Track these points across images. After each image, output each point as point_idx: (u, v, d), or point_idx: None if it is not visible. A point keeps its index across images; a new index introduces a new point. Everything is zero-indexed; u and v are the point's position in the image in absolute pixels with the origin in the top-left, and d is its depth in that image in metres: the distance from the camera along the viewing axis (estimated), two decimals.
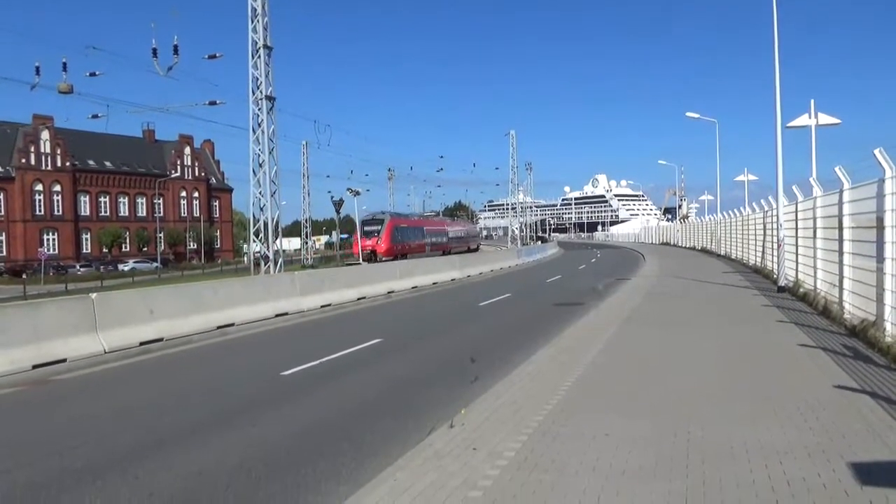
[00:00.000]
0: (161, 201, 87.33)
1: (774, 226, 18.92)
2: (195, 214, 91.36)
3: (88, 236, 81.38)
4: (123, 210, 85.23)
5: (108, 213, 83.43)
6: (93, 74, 30.69)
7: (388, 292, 21.86)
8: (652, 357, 9.17)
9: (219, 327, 14.24)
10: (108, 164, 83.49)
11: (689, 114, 40.07)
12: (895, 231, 8.66)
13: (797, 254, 16.69)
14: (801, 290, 15.63)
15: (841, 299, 11.66)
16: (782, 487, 4.44)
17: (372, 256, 48.77)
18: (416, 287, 23.95)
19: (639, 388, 7.38)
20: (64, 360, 10.82)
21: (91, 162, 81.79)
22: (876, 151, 8.68)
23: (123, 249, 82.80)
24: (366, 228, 51.16)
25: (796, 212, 16.51)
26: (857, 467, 4.72)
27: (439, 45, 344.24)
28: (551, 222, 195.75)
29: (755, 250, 25.54)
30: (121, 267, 71.31)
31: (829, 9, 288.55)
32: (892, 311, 8.78)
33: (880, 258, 9.05)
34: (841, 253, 11.51)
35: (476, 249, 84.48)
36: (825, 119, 21.94)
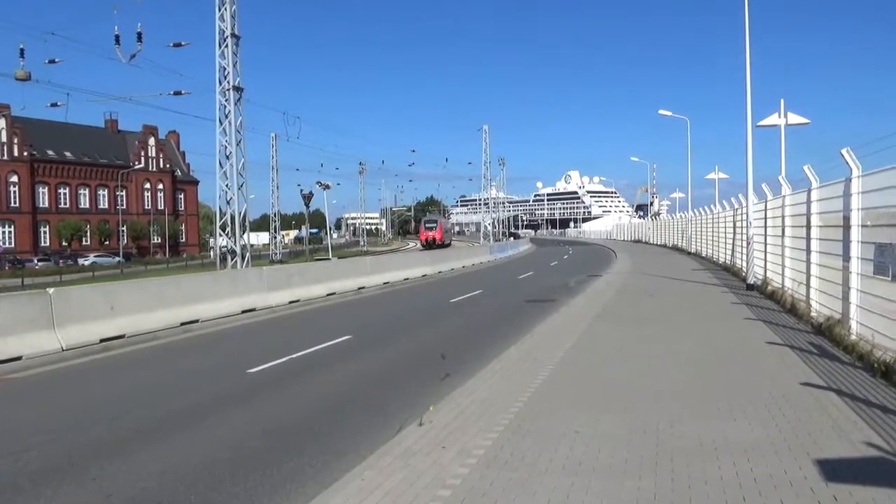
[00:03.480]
0: (124, 193, 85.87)
1: (744, 224, 19.23)
2: (159, 207, 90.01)
3: (47, 229, 79.71)
4: (84, 202, 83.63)
5: (67, 205, 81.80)
6: (52, 62, 30.04)
7: (359, 288, 21.79)
8: (623, 354, 9.26)
9: (183, 323, 14.06)
10: (68, 154, 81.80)
11: (661, 111, 40.64)
12: (861, 230, 8.86)
13: (766, 252, 16.99)
14: (770, 287, 15.92)
15: (808, 297, 11.90)
16: (749, 484, 4.52)
17: (432, 242, 73.76)
18: (387, 283, 23.89)
19: (609, 385, 7.45)
20: (19, 358, 10.58)
21: (50, 152, 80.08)
22: (843, 151, 8.86)
23: (84, 243, 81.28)
24: (427, 225, 79.47)
25: (766, 210, 16.79)
26: (823, 464, 4.83)
27: (412, 38, 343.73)
28: (524, 218, 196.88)
29: (725, 248, 25.93)
30: (81, 261, 69.92)
31: (801, 9, 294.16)
32: (856, 310, 8.99)
33: (846, 257, 9.26)
34: (808, 251, 11.74)
35: (448, 245, 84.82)
36: (795, 118, 22.36)
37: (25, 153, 76.48)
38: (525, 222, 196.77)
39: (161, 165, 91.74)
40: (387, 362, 10.32)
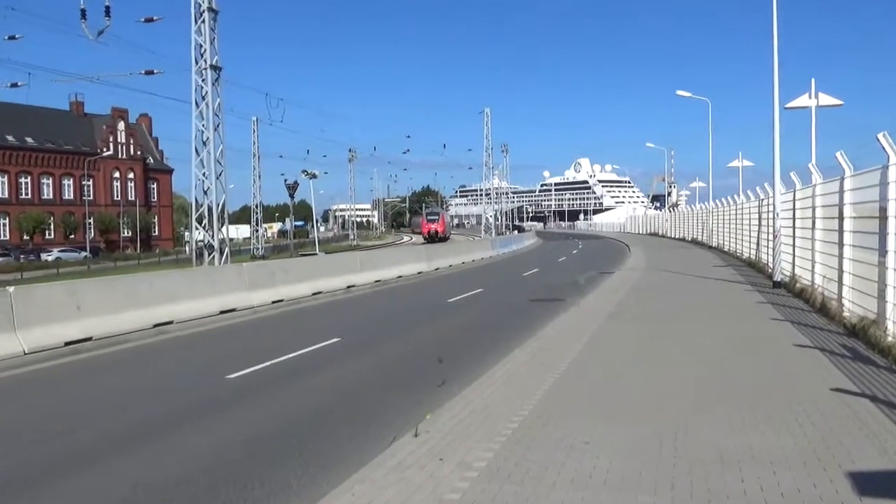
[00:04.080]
0: (91, 183, 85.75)
1: (770, 216, 19.25)
2: (130, 198, 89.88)
3: (7, 221, 79.60)
4: (47, 192, 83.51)
5: (29, 196, 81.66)
6: (12, 38, 30.00)
7: (348, 287, 21.80)
8: (637, 358, 9.28)
9: (156, 325, 14.06)
10: (29, 139, 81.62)
11: (679, 92, 40.50)
12: None
13: (794, 246, 17.01)
14: (798, 285, 15.94)
15: (840, 296, 11.91)
16: (776, 499, 4.53)
17: (435, 235, 77.41)
18: (379, 281, 23.91)
19: (622, 391, 7.46)
20: None
21: (10, 137, 79.88)
22: (880, 136, 8.86)
23: (47, 237, 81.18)
24: (429, 217, 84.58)
25: (794, 201, 16.81)
26: (856, 476, 4.84)
27: (405, 12, 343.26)
28: (529, 210, 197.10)
29: (749, 242, 25.96)
30: (44, 256, 69.82)
31: None
32: (894, 309, 8.99)
33: (882, 251, 9.26)
34: (841, 245, 11.75)
35: (446, 239, 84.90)
36: (827, 100, 22.37)
37: None
38: (530, 214, 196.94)
39: (131, 152, 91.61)
40: (379, 367, 10.32)
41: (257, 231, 70.37)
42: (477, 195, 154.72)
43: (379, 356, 11.20)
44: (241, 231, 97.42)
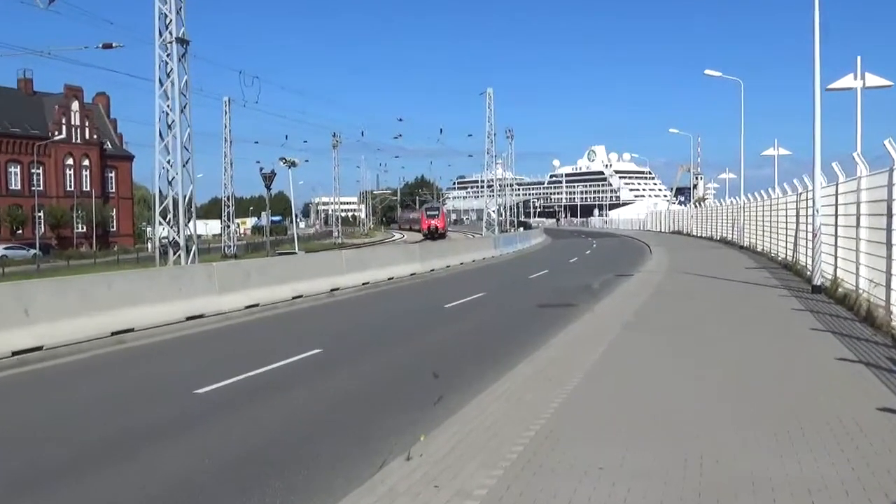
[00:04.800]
0: (41, 171, 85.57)
1: (809, 211, 19.27)
2: (85, 188, 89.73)
3: None
4: None
5: None
6: None
7: (332, 290, 21.79)
8: (657, 373, 9.29)
9: (115, 332, 14.04)
10: None
11: (708, 71, 40.58)
12: None
13: (836, 246, 17.04)
14: (840, 290, 15.97)
15: (888, 302, 11.93)
16: None
17: (435, 231, 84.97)
18: (367, 283, 23.90)
19: (641, 410, 7.47)
20: None
21: None
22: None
23: None
24: (428, 213, 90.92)
25: (836, 195, 16.83)
26: None
27: None
28: (537, 204, 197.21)
29: (786, 241, 26.00)
30: None
31: None
32: None
33: None
34: (889, 246, 11.77)
35: (443, 236, 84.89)
36: (874, 80, 22.36)
37: None
38: (538, 209, 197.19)
39: (87, 136, 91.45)
40: (366, 382, 10.32)
41: (229, 227, 70.23)
42: (477, 187, 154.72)
43: (366, 369, 11.19)
44: (210, 226, 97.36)
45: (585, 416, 7.29)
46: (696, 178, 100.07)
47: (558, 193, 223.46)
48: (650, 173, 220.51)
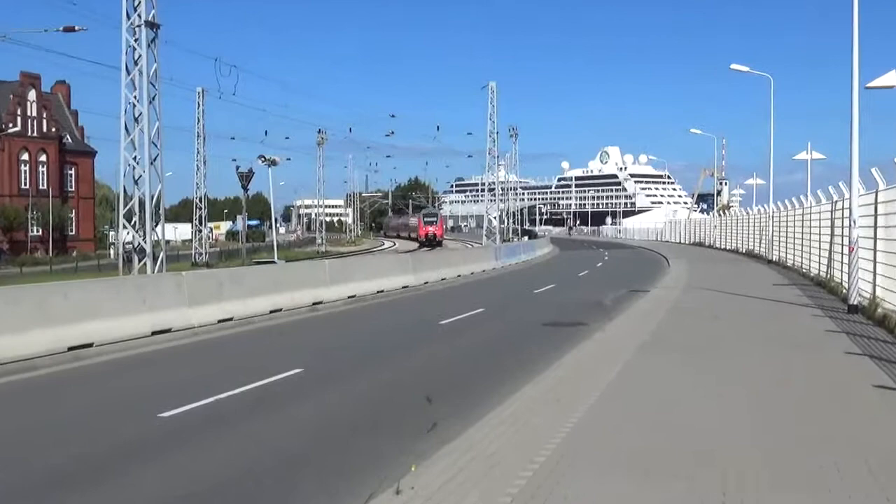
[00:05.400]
0: None
1: (846, 222, 19.30)
2: (41, 186, 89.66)
3: None
4: None
5: None
6: None
7: (314, 303, 21.77)
8: (676, 398, 9.28)
9: (72, 348, 13.99)
10: None
11: (734, 66, 40.67)
12: None
13: (875, 261, 17.06)
14: (879, 310, 15.98)
15: None
16: None
17: (433, 239, 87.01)
18: (353, 297, 23.89)
19: (658, 441, 7.45)
20: None
21: None
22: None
23: None
24: (426, 219, 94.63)
25: (876, 204, 16.87)
26: None
27: None
28: (543, 211, 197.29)
29: (819, 255, 26.04)
30: None
31: None
32: None
33: None
34: None
35: (440, 244, 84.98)
36: None
37: None
38: (545, 216, 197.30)
39: (45, 129, 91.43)
40: (351, 405, 10.30)
41: (201, 231, 70.18)
42: (477, 191, 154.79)
43: (352, 392, 11.17)
44: (180, 231, 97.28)
45: (595, 448, 7.28)
46: (721, 184, 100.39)
47: (567, 199, 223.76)
48: (669, 178, 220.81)
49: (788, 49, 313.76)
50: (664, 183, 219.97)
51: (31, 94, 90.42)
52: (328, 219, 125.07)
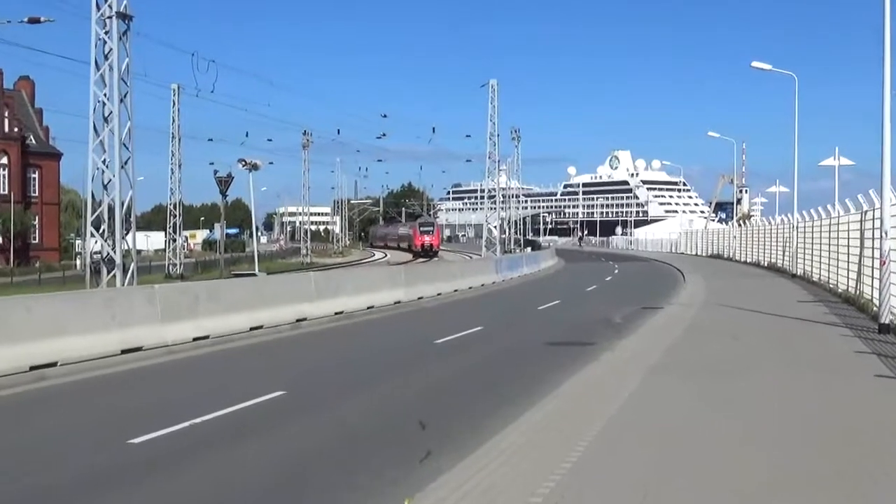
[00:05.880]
0: None
1: (877, 234, 19.33)
2: (2, 191, 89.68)
3: None
4: None
5: None
6: None
7: (298, 320, 21.73)
8: (691, 427, 9.28)
9: (34, 367, 13.95)
10: None
11: (755, 64, 40.78)
12: None
13: None
14: None
15: None
16: None
17: (430, 249, 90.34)
18: (341, 313, 23.86)
19: (673, 476, 7.46)
20: None
21: None
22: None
23: None
24: (422, 228, 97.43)
25: None
26: None
27: None
28: (548, 220, 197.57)
29: (848, 269, 26.05)
30: None
31: None
32: None
33: None
34: None
35: (435, 254, 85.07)
36: None
37: None
38: (550, 225, 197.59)
39: (6, 129, 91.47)
40: (338, 432, 10.29)
41: (175, 241, 70.09)
42: (476, 198, 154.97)
43: (338, 417, 11.15)
44: (153, 240, 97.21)
45: (605, 481, 7.28)
46: (740, 192, 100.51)
47: (574, 207, 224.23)
48: (685, 185, 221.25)
49: (814, 45, 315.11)
50: (679, 190, 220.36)
51: None
52: (314, 227, 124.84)
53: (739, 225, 69.43)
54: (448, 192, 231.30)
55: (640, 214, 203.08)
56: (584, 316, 24.34)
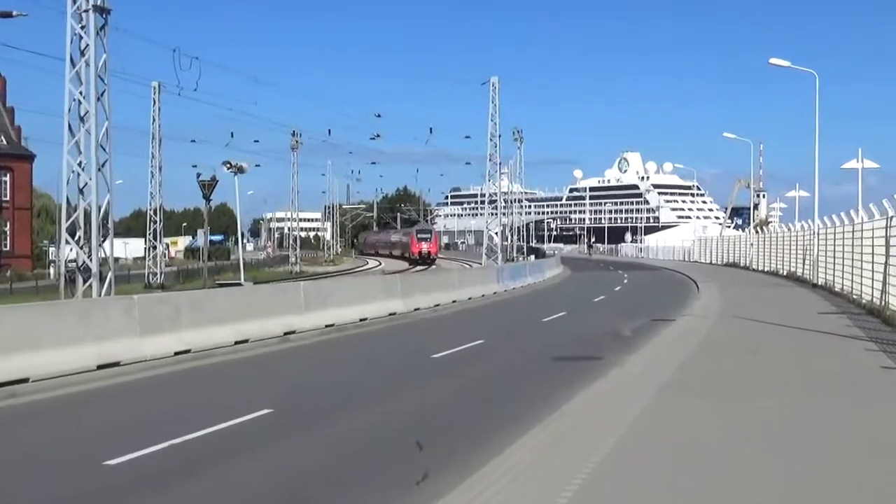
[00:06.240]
0: None
1: None
2: None
3: None
4: None
5: None
6: None
7: (286, 333, 21.71)
8: (706, 449, 9.28)
9: (5, 384, 13.94)
10: None
11: (773, 60, 40.88)
12: None
13: None
14: None
15: None
16: None
17: (427, 256, 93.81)
18: (332, 325, 23.84)
19: (687, 500, 7.44)
20: None
21: None
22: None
23: None
24: (419, 235, 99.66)
25: None
26: None
27: None
28: (553, 226, 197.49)
29: (873, 279, 26.04)
30: None
31: None
32: None
33: None
34: None
35: (433, 262, 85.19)
36: None
37: None
38: (555, 232, 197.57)
39: None
40: (329, 452, 10.28)
41: (155, 248, 70.04)
42: (476, 203, 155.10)
43: (329, 437, 11.13)
44: (131, 248, 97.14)
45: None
46: (758, 196, 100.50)
47: (580, 213, 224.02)
48: (698, 189, 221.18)
49: (836, 41, 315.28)
50: (692, 195, 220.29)
51: None
52: (303, 234, 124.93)
53: (757, 231, 69.46)
54: (446, 197, 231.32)
55: (651, 220, 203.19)
56: (591, 328, 24.32)
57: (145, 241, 72.42)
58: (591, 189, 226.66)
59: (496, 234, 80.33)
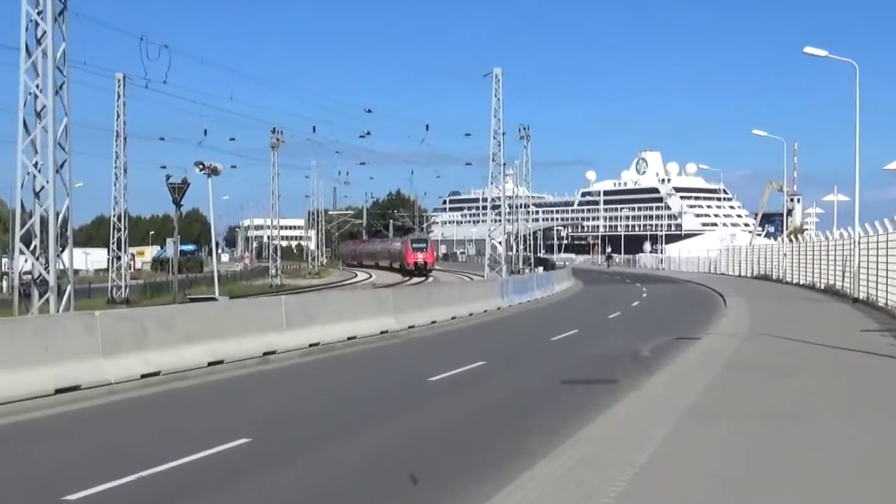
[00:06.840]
0: None
1: None
2: None
3: None
4: None
5: None
6: None
7: (266, 353, 21.72)
8: (735, 487, 9.28)
9: None
10: None
11: (808, 50, 40.87)
12: None
13: None
14: None
15: None
16: None
17: (423, 267, 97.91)
18: (316, 345, 23.83)
19: None
20: None
21: None
22: None
23: None
24: (415, 245, 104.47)
25: None
26: None
27: None
28: (563, 235, 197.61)
29: None
30: None
31: None
32: None
33: None
34: None
35: (429, 273, 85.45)
36: None
37: None
38: (565, 241, 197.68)
39: None
40: (311, 487, 10.28)
41: (119, 259, 70.01)
42: (477, 208, 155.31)
43: (313, 470, 11.15)
44: (93, 258, 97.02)
45: None
46: (791, 201, 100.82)
47: (593, 219, 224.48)
48: (725, 192, 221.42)
49: (877, 29, 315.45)
50: (719, 199, 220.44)
51: None
52: (285, 243, 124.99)
53: (790, 240, 69.52)
54: (444, 202, 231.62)
55: (673, 228, 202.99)
56: (605, 348, 24.32)
57: (108, 251, 72.39)
58: (606, 193, 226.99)
59: (500, 243, 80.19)
